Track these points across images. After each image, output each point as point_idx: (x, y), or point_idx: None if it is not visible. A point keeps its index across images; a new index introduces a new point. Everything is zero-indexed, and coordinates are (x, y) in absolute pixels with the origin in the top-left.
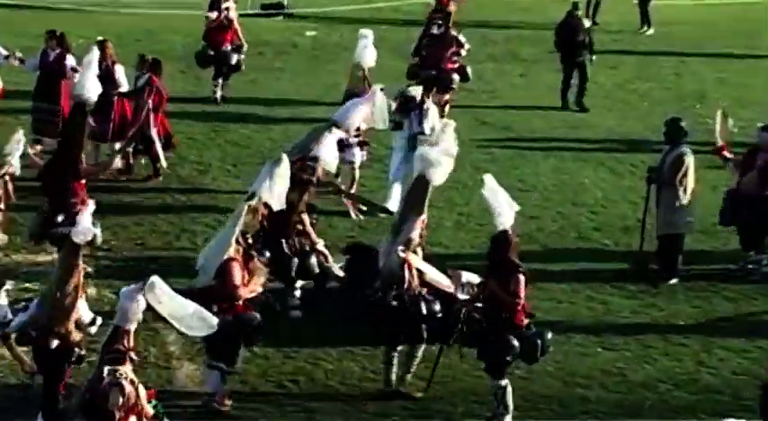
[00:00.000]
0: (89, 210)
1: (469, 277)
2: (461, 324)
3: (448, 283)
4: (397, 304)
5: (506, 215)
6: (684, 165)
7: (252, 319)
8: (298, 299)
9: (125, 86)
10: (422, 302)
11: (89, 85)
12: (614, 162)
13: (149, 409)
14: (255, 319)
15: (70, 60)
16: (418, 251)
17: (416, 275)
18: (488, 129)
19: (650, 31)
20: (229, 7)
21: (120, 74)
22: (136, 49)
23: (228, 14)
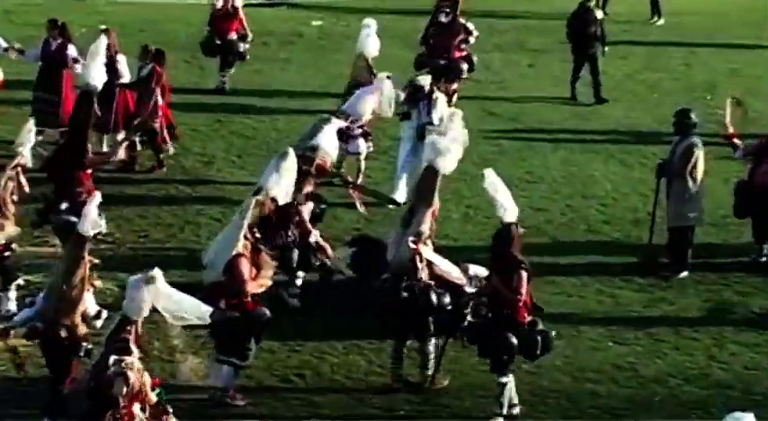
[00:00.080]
0: (95, 202)
1: (477, 270)
2: (468, 317)
3: (459, 275)
4: (407, 296)
5: (510, 209)
6: (694, 157)
7: (262, 315)
8: (297, 288)
9: (127, 77)
10: (432, 294)
11: (95, 73)
12: (624, 154)
13: (153, 397)
14: (265, 315)
15: (72, 50)
16: (429, 243)
17: (427, 267)
18: (496, 120)
19: (660, 22)
20: None
21: (123, 64)
22: (139, 39)
23: (234, 2)
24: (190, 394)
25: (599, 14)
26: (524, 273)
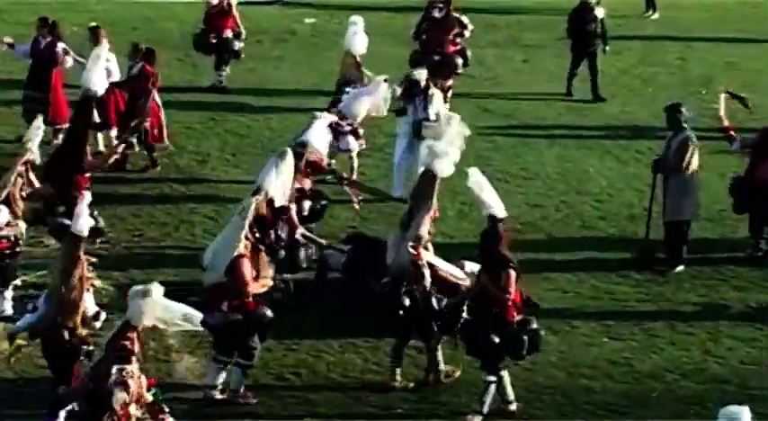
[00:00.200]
0: (86, 202)
1: (473, 267)
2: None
3: (462, 276)
4: (408, 301)
5: (497, 206)
6: (689, 150)
7: (264, 315)
8: (281, 288)
9: (116, 76)
10: (433, 299)
11: (96, 78)
12: (619, 149)
13: (148, 397)
14: (267, 315)
15: (61, 47)
16: (429, 246)
17: (427, 271)
18: (491, 116)
19: (655, 16)
20: None
21: (113, 63)
22: (132, 38)
23: (229, 0)
24: (186, 393)
25: (600, 13)
26: (512, 272)
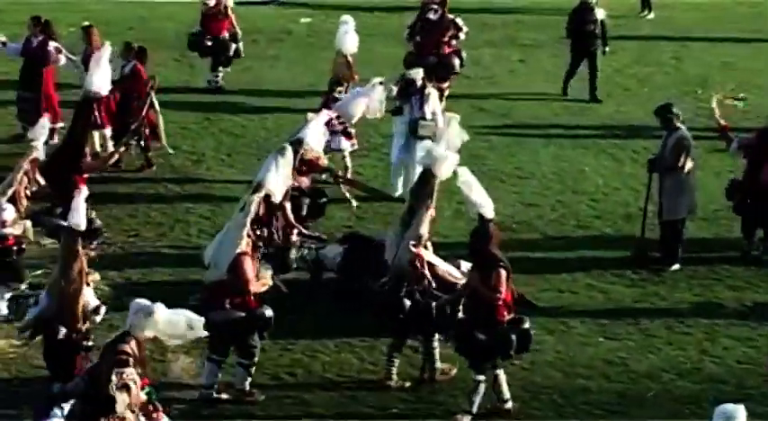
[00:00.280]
0: (82, 196)
1: (469, 266)
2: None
3: (460, 275)
4: (409, 301)
5: (487, 206)
6: (685, 149)
7: (264, 314)
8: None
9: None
10: (432, 297)
11: (98, 81)
12: (615, 149)
13: (143, 396)
14: (267, 315)
15: (53, 45)
16: (428, 245)
17: (428, 270)
18: (486, 116)
19: (651, 15)
20: None
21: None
22: (127, 38)
23: (226, 1)
24: (182, 393)
25: (600, 14)
26: (503, 272)
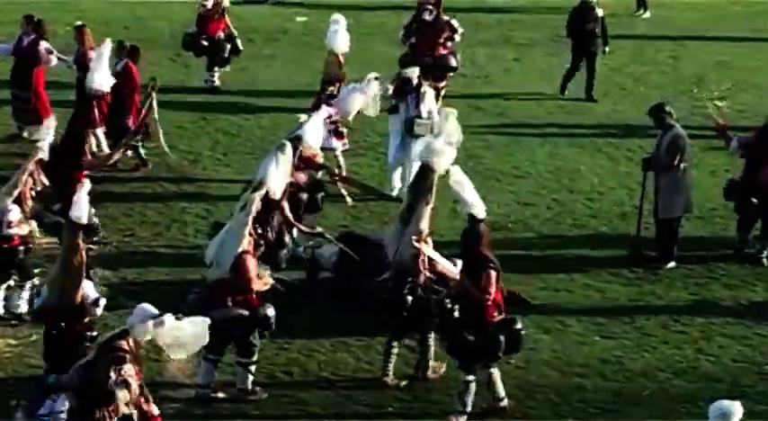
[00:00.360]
0: (85, 190)
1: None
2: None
3: (456, 272)
4: (411, 296)
5: (478, 206)
6: (680, 147)
7: (267, 313)
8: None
9: None
10: (433, 294)
11: (99, 78)
12: (610, 148)
13: (137, 390)
14: (270, 314)
15: (44, 46)
16: (429, 240)
17: (429, 265)
18: (482, 115)
19: (646, 15)
20: None
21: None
22: (123, 37)
23: (223, 2)
24: (177, 393)
25: (600, 12)
26: (493, 273)
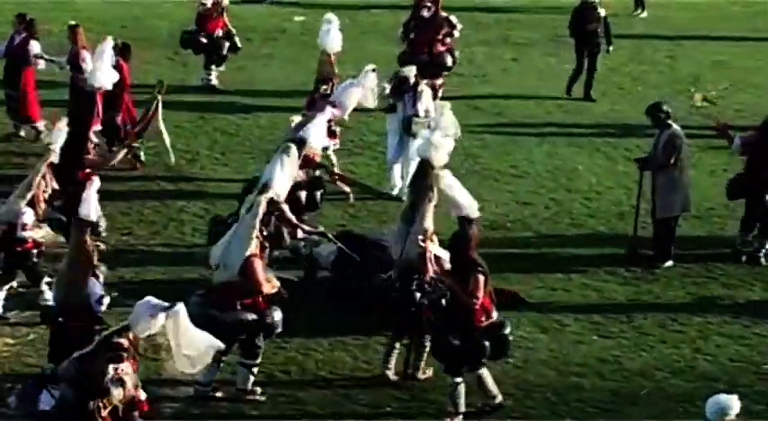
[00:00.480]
0: (94, 188)
1: None
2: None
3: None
4: (420, 294)
5: (470, 207)
6: (677, 146)
7: (275, 316)
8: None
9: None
10: (438, 292)
11: (100, 75)
12: (608, 147)
13: (131, 387)
14: (278, 317)
15: (34, 46)
16: (434, 239)
17: (435, 263)
18: (480, 114)
19: (644, 14)
20: None
21: (87, 60)
22: (121, 36)
23: (222, 1)
24: (175, 392)
25: (602, 12)
26: (481, 277)
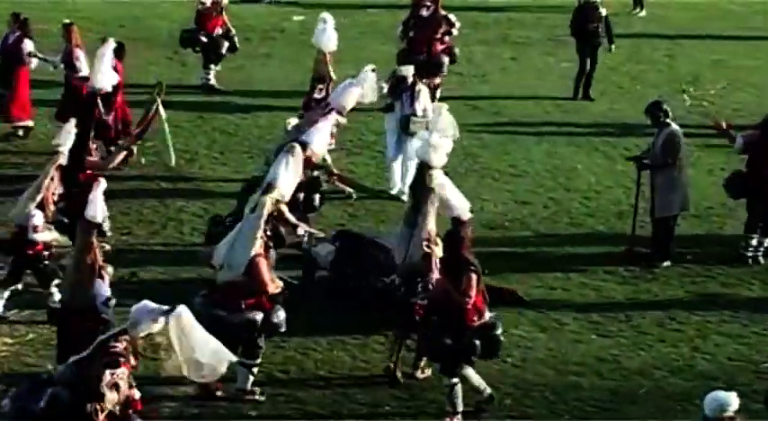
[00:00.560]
0: (101, 189)
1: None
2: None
3: None
4: (424, 295)
5: (462, 207)
6: (676, 145)
7: (280, 316)
8: None
9: (84, 71)
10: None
11: (101, 77)
12: (607, 146)
13: (126, 389)
14: (282, 316)
15: (28, 45)
16: (438, 241)
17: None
18: (479, 113)
19: (642, 13)
20: None
21: (81, 59)
22: (119, 36)
23: (222, 0)
24: (174, 391)
25: (603, 12)
26: (473, 276)
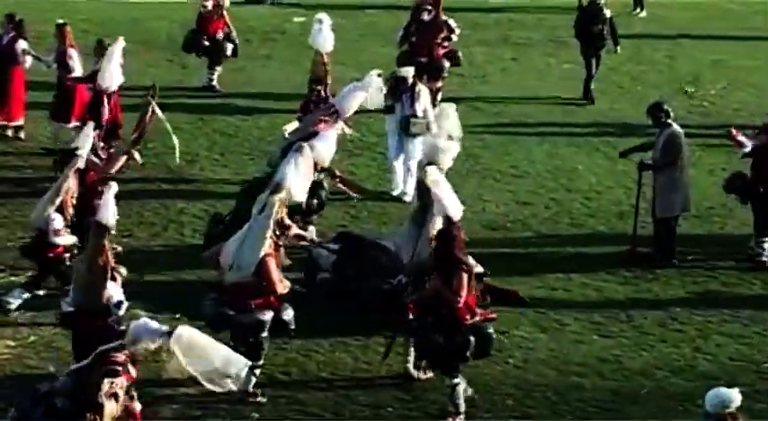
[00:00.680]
0: (112, 192)
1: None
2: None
3: (474, 263)
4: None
5: (454, 206)
6: (676, 146)
7: (289, 314)
8: None
9: (78, 71)
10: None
11: (108, 76)
12: (608, 147)
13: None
14: (291, 314)
15: (22, 44)
16: None
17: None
18: (480, 114)
19: (643, 14)
20: None
21: (74, 59)
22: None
23: (223, 2)
24: (175, 394)
25: (608, 13)
26: (465, 275)
